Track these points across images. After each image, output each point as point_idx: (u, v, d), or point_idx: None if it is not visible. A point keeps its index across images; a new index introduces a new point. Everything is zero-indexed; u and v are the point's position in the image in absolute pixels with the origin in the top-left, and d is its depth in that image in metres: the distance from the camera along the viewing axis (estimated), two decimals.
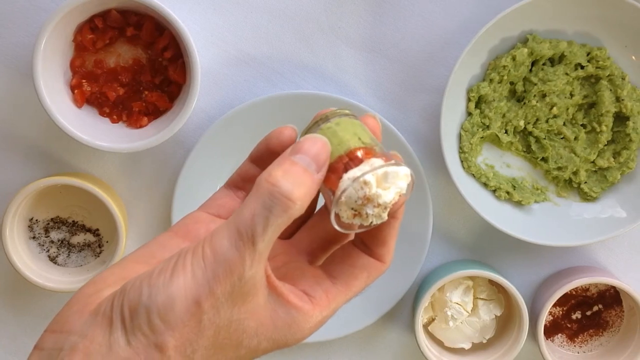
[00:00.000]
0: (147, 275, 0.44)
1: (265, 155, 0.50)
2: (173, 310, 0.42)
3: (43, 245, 0.89)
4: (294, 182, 0.44)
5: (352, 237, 0.52)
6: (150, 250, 0.49)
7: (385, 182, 0.46)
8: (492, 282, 0.90)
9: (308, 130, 0.50)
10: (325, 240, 0.53)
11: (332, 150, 0.47)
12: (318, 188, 0.46)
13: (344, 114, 0.50)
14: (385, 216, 0.47)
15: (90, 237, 0.89)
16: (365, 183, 0.45)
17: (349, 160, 0.47)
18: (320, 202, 0.52)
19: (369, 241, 0.51)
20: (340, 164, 0.47)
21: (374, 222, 0.47)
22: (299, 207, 0.44)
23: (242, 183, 0.53)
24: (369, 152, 0.47)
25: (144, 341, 0.42)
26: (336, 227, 0.48)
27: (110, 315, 0.43)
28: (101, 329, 0.43)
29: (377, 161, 0.46)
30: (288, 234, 0.54)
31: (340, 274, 0.50)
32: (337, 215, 0.47)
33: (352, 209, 0.47)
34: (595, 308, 0.92)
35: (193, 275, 0.43)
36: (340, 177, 0.46)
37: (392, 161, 0.47)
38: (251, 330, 0.45)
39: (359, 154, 0.47)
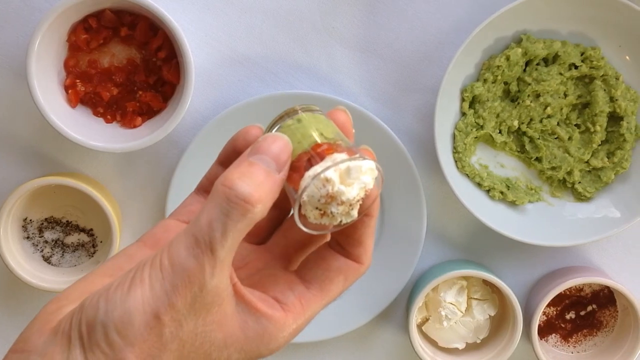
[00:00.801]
0: (105, 289, 0.42)
1: (232, 157, 0.48)
2: (131, 325, 0.41)
3: (37, 245, 0.89)
4: (252, 183, 0.42)
5: (328, 238, 0.50)
6: (117, 262, 0.47)
7: (348, 177, 0.44)
8: (486, 282, 0.91)
9: (270, 127, 0.48)
10: (301, 243, 0.51)
11: (294, 148, 0.45)
12: (280, 189, 0.44)
13: (307, 109, 0.48)
14: (354, 214, 0.45)
15: (84, 237, 0.90)
16: (327, 180, 0.43)
17: (311, 157, 0.45)
18: None
19: (344, 242, 0.49)
20: (302, 162, 0.45)
21: (344, 221, 0.46)
22: (260, 210, 0.42)
23: (211, 187, 0.49)
24: (332, 148, 0.45)
25: (103, 359, 0.41)
26: (303, 228, 0.46)
27: (69, 333, 0.42)
28: (60, 348, 0.42)
29: (339, 156, 0.44)
30: (262, 239, 0.52)
31: (315, 278, 0.48)
32: (303, 216, 0.45)
33: (317, 208, 0.45)
34: (589, 308, 0.93)
35: (151, 287, 0.42)
36: (302, 176, 0.44)
37: (356, 155, 0.45)
38: (219, 342, 0.44)
39: (322, 149, 0.45)
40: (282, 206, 0.51)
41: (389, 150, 0.87)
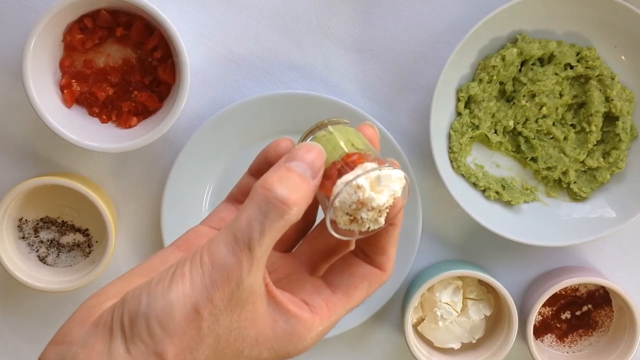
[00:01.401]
0: (146, 284, 0.45)
1: (264, 168, 0.51)
2: (172, 318, 0.43)
3: (32, 245, 0.90)
4: (290, 187, 0.45)
5: (352, 247, 0.54)
6: (152, 264, 0.50)
7: (378, 185, 0.47)
8: (481, 282, 0.91)
9: (304, 139, 0.51)
10: (326, 252, 0.54)
11: (327, 157, 0.48)
12: (314, 194, 0.47)
13: (337, 122, 0.51)
14: (382, 221, 0.48)
15: (79, 237, 0.91)
16: (359, 187, 0.46)
17: (343, 166, 0.48)
18: (320, 214, 0.53)
19: (368, 250, 0.52)
20: (334, 170, 0.48)
21: (371, 228, 0.48)
22: (296, 212, 0.45)
23: (242, 196, 0.53)
24: (363, 157, 0.48)
25: (143, 349, 0.43)
26: (333, 233, 0.49)
27: (110, 325, 0.44)
28: (102, 339, 0.44)
29: (370, 165, 0.47)
30: (289, 247, 0.55)
31: (340, 284, 0.51)
32: (333, 222, 0.48)
33: (348, 214, 0.47)
34: (585, 308, 0.93)
35: (192, 282, 0.44)
36: (335, 183, 0.47)
37: (386, 164, 0.48)
38: (251, 339, 0.46)
39: (353, 159, 0.48)
40: (308, 217, 0.54)
41: (385, 151, 0.87)
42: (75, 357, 0.44)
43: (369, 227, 0.48)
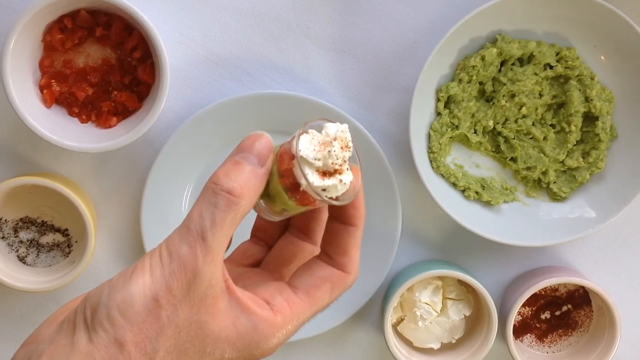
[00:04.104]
0: (108, 280, 0.49)
1: None
2: (132, 306, 0.47)
3: (12, 245, 0.92)
4: (236, 178, 0.49)
5: (316, 252, 0.57)
6: None
7: (323, 131, 0.51)
8: (461, 282, 0.93)
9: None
10: (291, 257, 0.58)
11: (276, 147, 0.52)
12: (264, 181, 0.51)
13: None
14: (345, 168, 0.51)
15: (59, 237, 0.93)
16: (312, 135, 0.51)
17: (293, 138, 0.51)
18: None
19: (331, 251, 0.55)
20: (285, 145, 0.52)
21: (344, 179, 0.51)
22: (245, 202, 0.49)
23: None
24: (303, 131, 0.52)
25: (104, 337, 0.46)
26: (311, 193, 0.51)
27: (74, 319, 0.48)
28: (66, 333, 0.48)
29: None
30: (256, 263, 0.59)
31: (302, 284, 0.54)
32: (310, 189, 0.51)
33: (316, 159, 0.50)
34: (565, 308, 0.95)
35: (152, 274, 0.48)
36: (292, 155, 0.51)
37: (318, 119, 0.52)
38: (213, 335, 0.49)
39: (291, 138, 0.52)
40: (273, 233, 0.59)
41: (365, 151, 0.89)
42: (41, 353, 0.48)
43: (347, 168, 0.51)
